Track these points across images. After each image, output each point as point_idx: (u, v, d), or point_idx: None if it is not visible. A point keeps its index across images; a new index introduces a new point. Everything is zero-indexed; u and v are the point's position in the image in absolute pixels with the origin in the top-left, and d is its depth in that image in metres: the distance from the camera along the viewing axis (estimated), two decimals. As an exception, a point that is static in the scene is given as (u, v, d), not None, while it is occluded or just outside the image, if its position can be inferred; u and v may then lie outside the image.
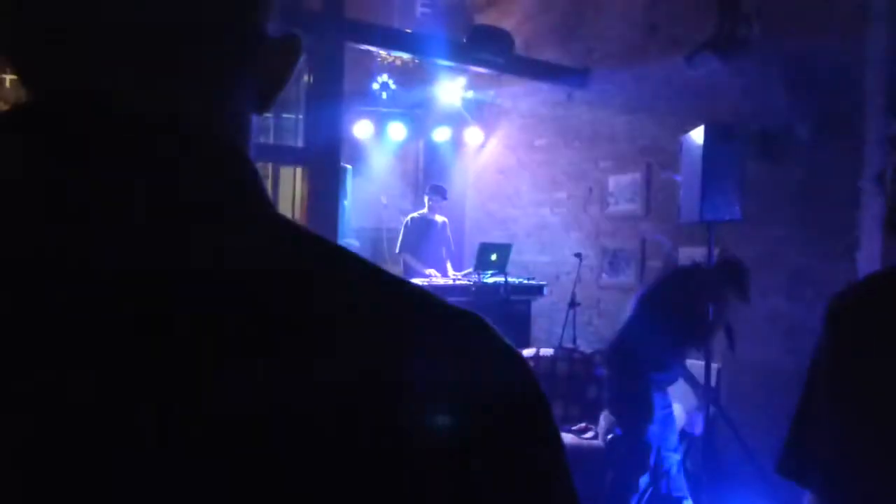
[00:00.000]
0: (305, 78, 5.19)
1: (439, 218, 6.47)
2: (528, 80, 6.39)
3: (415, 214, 6.64)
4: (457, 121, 7.44)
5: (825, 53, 3.97)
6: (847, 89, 3.88)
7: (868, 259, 3.80)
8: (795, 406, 1.12)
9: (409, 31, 6.25)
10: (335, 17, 5.12)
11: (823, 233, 4.01)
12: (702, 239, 4.44)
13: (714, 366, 4.20)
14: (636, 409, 3.50)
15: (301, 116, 5.63)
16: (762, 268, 4.32)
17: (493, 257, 5.98)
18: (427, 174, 8.12)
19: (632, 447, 3.54)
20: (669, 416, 3.70)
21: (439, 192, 6.50)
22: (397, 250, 6.53)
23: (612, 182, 5.82)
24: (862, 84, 3.83)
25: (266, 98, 0.51)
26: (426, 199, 6.57)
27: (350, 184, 7.79)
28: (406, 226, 6.57)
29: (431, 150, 8.01)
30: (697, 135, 4.17)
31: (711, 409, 4.09)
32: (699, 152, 4.13)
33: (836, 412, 1.05)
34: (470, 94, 7.36)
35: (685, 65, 4.37)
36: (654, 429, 3.52)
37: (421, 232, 6.37)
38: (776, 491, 3.69)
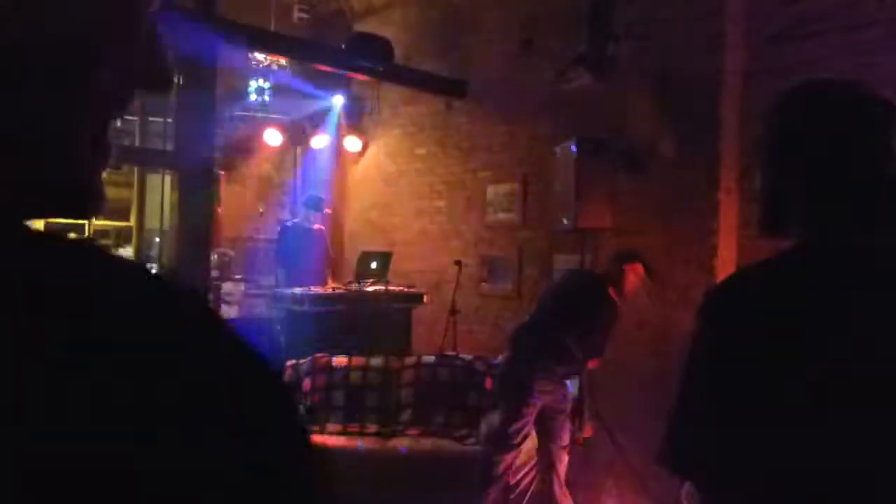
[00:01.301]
0: (175, 79, 4.95)
1: (316, 226, 6.34)
2: (408, 89, 6.41)
3: (289, 221, 6.49)
4: (335, 128, 7.35)
5: (686, 75, 4.24)
6: (705, 109, 4.15)
7: (725, 265, 4.08)
8: (674, 400, 1.15)
9: (285, 35, 6.11)
10: (207, 16, 4.91)
11: (685, 241, 4.27)
12: (575, 246, 4.62)
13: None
14: (518, 391, 3.59)
15: (170, 120, 5.37)
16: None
17: (374, 266, 5.94)
18: (305, 182, 7.96)
19: (502, 430, 3.63)
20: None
21: (316, 203, 6.36)
22: (277, 262, 6.34)
23: (491, 191, 5.94)
24: (718, 104, 4.12)
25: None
26: (302, 209, 6.44)
27: (223, 190, 7.51)
28: (280, 234, 6.39)
29: (310, 158, 7.86)
30: (570, 147, 4.34)
31: (584, 410, 4.25)
32: (572, 164, 4.30)
33: (715, 403, 1.10)
34: (349, 100, 7.28)
35: (557, 79, 4.53)
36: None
37: (297, 241, 6.21)
38: (646, 486, 3.88)
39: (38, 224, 0.44)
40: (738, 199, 4.13)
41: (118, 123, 0.48)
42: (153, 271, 0.44)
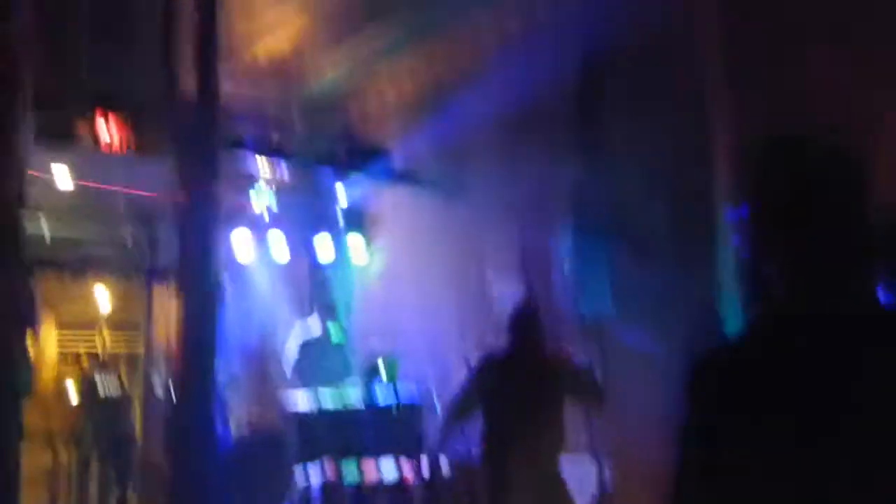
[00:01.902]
0: (180, 193, 5.06)
1: (331, 334, 6.27)
2: (407, 187, 6.54)
3: (303, 331, 6.38)
4: (339, 230, 7.44)
5: (675, 154, 4.31)
6: (698, 187, 4.19)
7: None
8: (669, 482, 1.12)
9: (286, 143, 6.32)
10: (209, 129, 5.09)
11: (691, 325, 4.20)
12: (579, 334, 4.55)
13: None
14: None
15: (175, 234, 5.45)
16: (639, 363, 4.44)
17: (382, 372, 5.87)
18: (312, 286, 7.98)
19: None
20: None
21: (328, 312, 6.31)
22: (287, 372, 6.23)
23: (496, 286, 5.92)
24: (711, 182, 4.15)
25: None
26: (316, 318, 6.35)
27: (230, 304, 7.53)
28: (294, 345, 6.30)
29: (316, 265, 7.92)
30: (568, 233, 4.37)
31: None
32: (570, 249, 4.32)
33: (707, 479, 1.05)
34: (351, 202, 7.41)
35: (553, 168, 4.64)
36: None
37: (310, 351, 6.13)
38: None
39: None
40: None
41: None
42: None
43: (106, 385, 7.02)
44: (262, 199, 7.05)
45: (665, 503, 1.10)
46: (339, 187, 7.08)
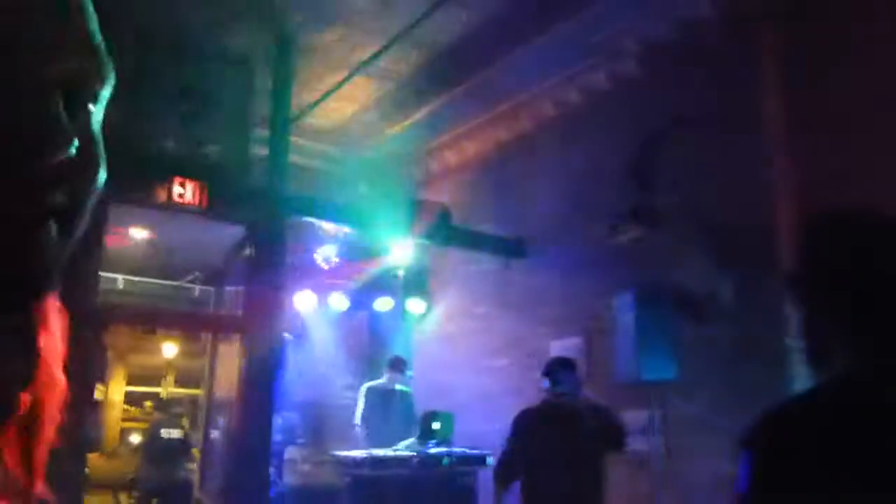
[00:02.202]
0: (247, 250, 5.27)
1: (399, 387, 6.34)
2: (467, 250, 6.61)
3: (372, 383, 6.45)
4: (399, 291, 7.55)
5: (738, 223, 4.27)
6: (764, 253, 4.13)
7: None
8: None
9: (349, 205, 6.49)
10: (277, 191, 5.31)
11: (757, 392, 4.08)
12: (642, 401, 4.47)
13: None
14: None
15: (241, 289, 5.65)
16: (703, 431, 4.33)
17: (436, 426, 5.84)
18: (371, 345, 8.07)
19: None
20: None
21: (398, 365, 6.38)
22: (356, 421, 6.28)
23: (554, 347, 5.88)
24: (778, 248, 4.09)
25: None
26: (385, 371, 6.43)
27: (291, 355, 7.67)
28: (363, 395, 6.36)
29: (375, 321, 8.03)
30: (628, 299, 4.33)
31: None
32: (631, 315, 4.27)
33: None
34: (411, 263, 7.53)
35: (611, 232, 4.63)
36: None
37: (379, 403, 6.19)
38: None
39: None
40: (809, 345, 3.98)
41: None
42: None
43: (169, 433, 7.21)
44: (327, 258, 7.22)
45: None
46: (402, 247, 7.21)
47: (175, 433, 7.20)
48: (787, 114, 4.30)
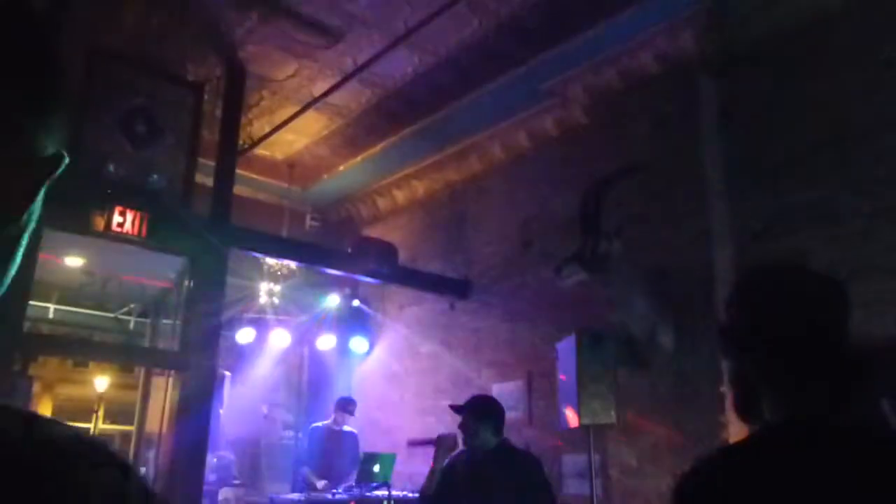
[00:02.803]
0: (186, 282, 5.13)
1: (347, 428, 6.21)
2: (412, 290, 6.58)
3: (319, 424, 6.31)
4: (341, 328, 7.45)
5: (679, 268, 4.37)
6: (701, 302, 4.22)
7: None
8: None
9: (294, 240, 6.42)
10: (221, 222, 5.20)
11: (694, 438, 4.13)
12: (583, 445, 4.46)
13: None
14: None
15: (178, 321, 5.49)
16: (643, 475, 4.35)
17: (377, 468, 5.72)
18: (311, 382, 7.92)
19: None
20: None
21: (346, 406, 6.26)
22: (302, 462, 6.13)
23: (496, 389, 5.86)
24: (713, 297, 4.19)
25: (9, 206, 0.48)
26: (333, 411, 6.30)
27: (227, 391, 7.46)
28: (309, 436, 6.22)
29: (316, 358, 7.89)
30: (570, 343, 4.35)
31: None
32: (573, 359, 4.28)
33: None
34: (356, 302, 7.46)
35: (555, 276, 4.67)
36: None
37: (326, 442, 6.05)
38: None
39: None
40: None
41: None
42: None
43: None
44: (267, 292, 7.10)
45: None
46: (346, 284, 7.14)
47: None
48: (725, 162, 4.45)
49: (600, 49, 5.04)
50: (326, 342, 7.51)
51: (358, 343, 7.38)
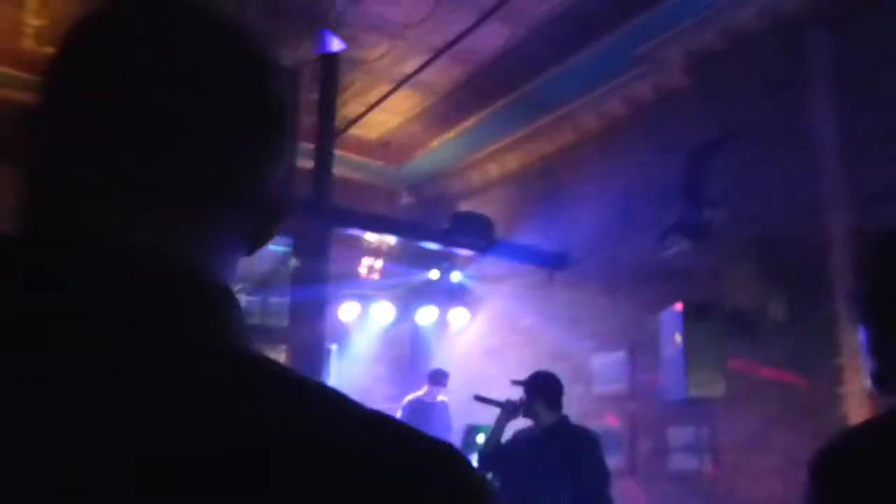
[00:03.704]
0: (293, 261, 5.34)
1: (440, 398, 6.37)
2: (510, 262, 6.59)
3: (412, 396, 6.49)
4: (442, 302, 7.56)
5: (790, 236, 4.17)
6: (815, 269, 4.02)
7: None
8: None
9: (393, 216, 6.54)
10: (322, 203, 5.36)
11: (809, 412, 3.97)
12: (689, 418, 4.38)
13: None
14: None
15: (287, 299, 5.73)
16: (754, 450, 4.22)
17: (480, 439, 5.82)
18: (413, 357, 8.09)
19: None
20: None
21: (439, 378, 6.40)
22: None
23: (597, 361, 5.82)
24: (829, 263, 3.98)
25: (255, 241, 0.57)
26: (426, 383, 6.46)
27: (334, 365, 7.73)
28: (403, 408, 6.40)
29: (417, 332, 8.04)
30: (675, 314, 4.26)
31: None
32: (679, 331, 4.19)
33: None
34: (455, 276, 7.53)
35: (657, 246, 4.56)
36: None
37: (420, 415, 6.21)
38: None
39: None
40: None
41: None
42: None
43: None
44: (371, 269, 7.28)
45: None
46: (444, 259, 7.23)
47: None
48: (838, 124, 4.19)
49: (699, 8, 4.83)
50: (426, 316, 7.64)
51: (457, 316, 7.47)
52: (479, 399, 4.20)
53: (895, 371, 1.11)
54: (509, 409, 3.93)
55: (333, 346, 7.58)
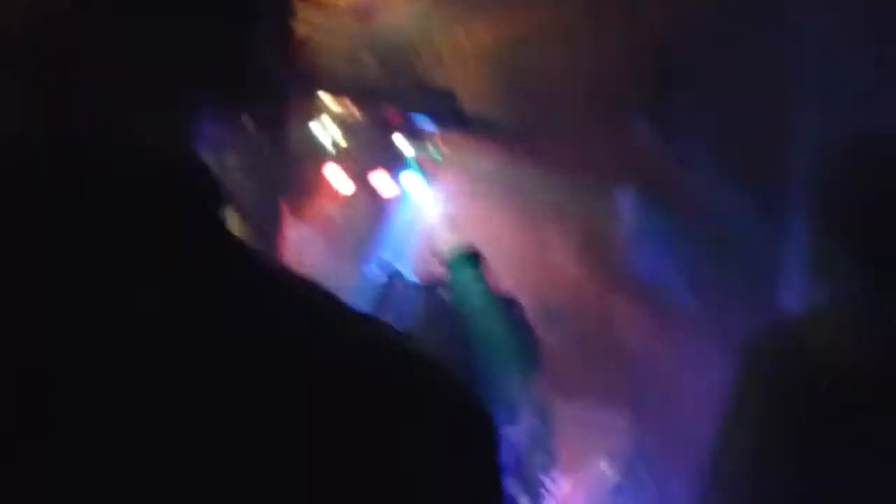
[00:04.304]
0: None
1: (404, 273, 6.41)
2: (472, 136, 6.50)
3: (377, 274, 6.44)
4: (403, 170, 7.45)
5: (756, 126, 4.17)
6: (776, 162, 4.05)
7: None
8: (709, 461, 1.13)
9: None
10: (283, 60, 5.12)
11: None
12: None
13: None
14: None
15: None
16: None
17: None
18: (376, 227, 8.07)
19: None
20: None
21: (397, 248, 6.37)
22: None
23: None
24: (790, 158, 4.01)
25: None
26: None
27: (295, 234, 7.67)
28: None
29: (378, 203, 7.97)
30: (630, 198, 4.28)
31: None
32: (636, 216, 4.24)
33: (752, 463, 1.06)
34: (416, 142, 7.38)
35: (621, 129, 4.55)
36: None
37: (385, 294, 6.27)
38: None
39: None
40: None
41: None
42: None
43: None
44: (328, 134, 7.10)
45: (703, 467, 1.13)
46: (407, 127, 7.07)
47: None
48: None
49: None
50: (388, 186, 7.56)
51: (419, 188, 7.40)
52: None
53: (830, 270, 1.13)
54: None
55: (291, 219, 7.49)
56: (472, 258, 5.03)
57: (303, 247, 7.80)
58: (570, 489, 3.59)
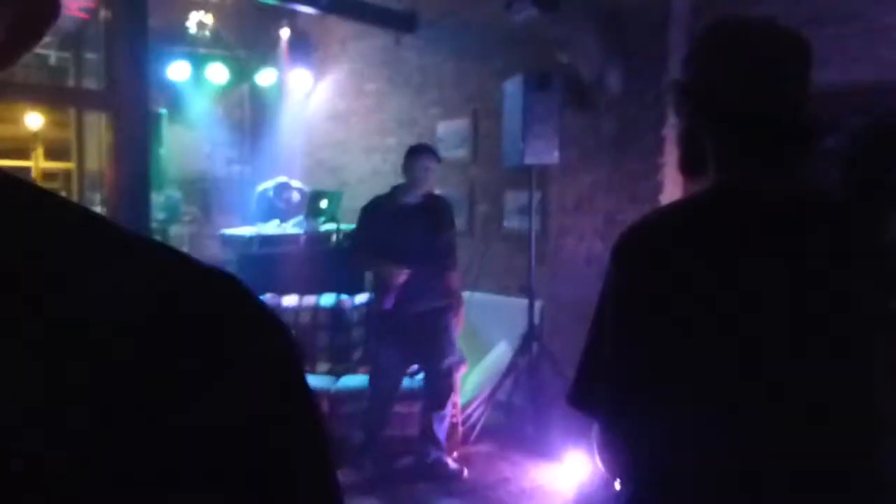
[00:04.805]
0: (103, 13, 4.69)
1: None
2: (355, 23, 6.21)
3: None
4: (282, 64, 7.11)
5: (634, 8, 4.16)
6: (653, 44, 4.09)
7: (670, 200, 4.09)
8: (586, 341, 1.16)
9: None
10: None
11: (632, 178, 4.27)
12: (525, 183, 4.59)
13: (537, 304, 4.41)
14: None
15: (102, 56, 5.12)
16: (579, 212, 4.56)
17: (323, 204, 5.85)
18: (253, 121, 7.76)
19: None
20: None
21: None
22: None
23: (442, 128, 5.85)
24: (667, 39, 4.05)
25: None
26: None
27: (166, 131, 7.27)
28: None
29: (257, 95, 7.63)
30: (517, 83, 4.26)
31: (535, 344, 4.31)
32: (519, 100, 4.23)
33: (620, 344, 1.10)
34: (295, 32, 7.02)
35: (504, 11, 4.42)
36: None
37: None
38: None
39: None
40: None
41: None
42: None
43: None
44: (200, 26, 6.62)
45: (579, 364, 1.18)
46: (284, 16, 6.67)
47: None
48: None
49: None
50: (266, 78, 7.22)
51: (298, 79, 7.11)
52: None
53: (700, 159, 1.15)
54: None
55: (164, 111, 7.07)
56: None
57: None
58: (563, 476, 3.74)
